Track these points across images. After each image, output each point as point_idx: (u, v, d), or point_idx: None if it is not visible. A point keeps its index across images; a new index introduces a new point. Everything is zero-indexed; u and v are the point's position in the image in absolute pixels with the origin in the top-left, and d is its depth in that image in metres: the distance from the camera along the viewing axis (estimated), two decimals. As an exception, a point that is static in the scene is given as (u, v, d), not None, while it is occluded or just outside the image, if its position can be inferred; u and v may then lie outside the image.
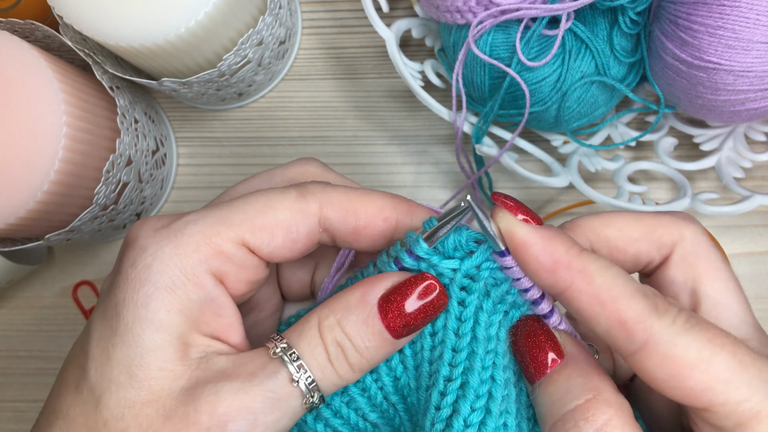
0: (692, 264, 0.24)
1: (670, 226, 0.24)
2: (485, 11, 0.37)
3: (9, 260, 0.45)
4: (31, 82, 0.37)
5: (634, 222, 0.25)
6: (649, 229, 0.24)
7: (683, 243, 0.24)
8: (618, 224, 0.25)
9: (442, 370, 0.24)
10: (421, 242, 0.23)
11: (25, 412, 0.50)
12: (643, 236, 0.24)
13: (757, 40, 0.34)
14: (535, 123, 0.42)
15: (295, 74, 0.50)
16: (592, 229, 0.25)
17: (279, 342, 0.23)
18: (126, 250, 0.23)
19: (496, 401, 0.23)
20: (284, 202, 0.24)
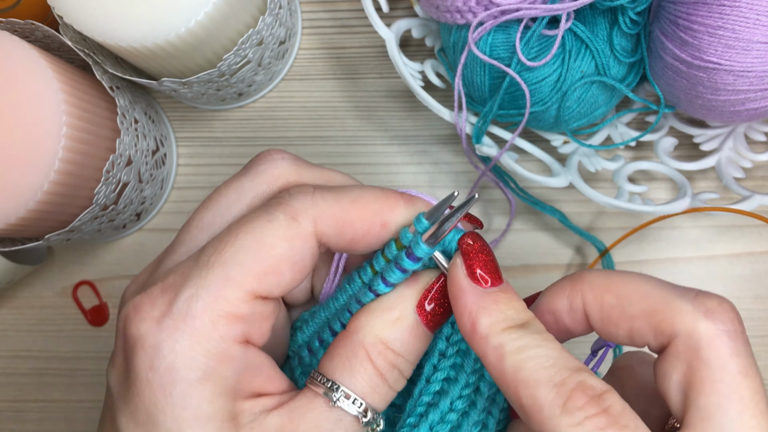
0: (690, 365, 0.20)
1: (675, 315, 0.20)
2: (485, 11, 0.37)
3: (9, 260, 0.45)
4: (31, 82, 0.37)
5: (637, 296, 0.21)
6: (650, 310, 0.21)
7: (685, 338, 0.20)
8: (619, 292, 0.22)
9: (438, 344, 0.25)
10: (422, 245, 0.23)
11: (25, 412, 0.50)
12: (641, 316, 0.21)
13: (757, 40, 0.34)
14: (535, 123, 0.42)
15: (295, 74, 0.50)
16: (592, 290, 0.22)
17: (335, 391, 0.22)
18: (135, 351, 0.21)
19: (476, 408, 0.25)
20: (277, 233, 0.22)
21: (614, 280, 0.22)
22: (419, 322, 0.23)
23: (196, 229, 0.25)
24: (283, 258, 0.22)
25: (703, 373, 0.20)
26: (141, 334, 0.21)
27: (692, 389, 0.20)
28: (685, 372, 0.20)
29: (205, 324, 0.21)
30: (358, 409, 0.22)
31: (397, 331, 0.23)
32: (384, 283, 0.23)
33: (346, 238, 0.23)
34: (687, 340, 0.20)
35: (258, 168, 0.25)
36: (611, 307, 0.22)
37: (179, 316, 0.21)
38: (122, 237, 0.50)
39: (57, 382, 0.50)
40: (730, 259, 0.47)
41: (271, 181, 0.25)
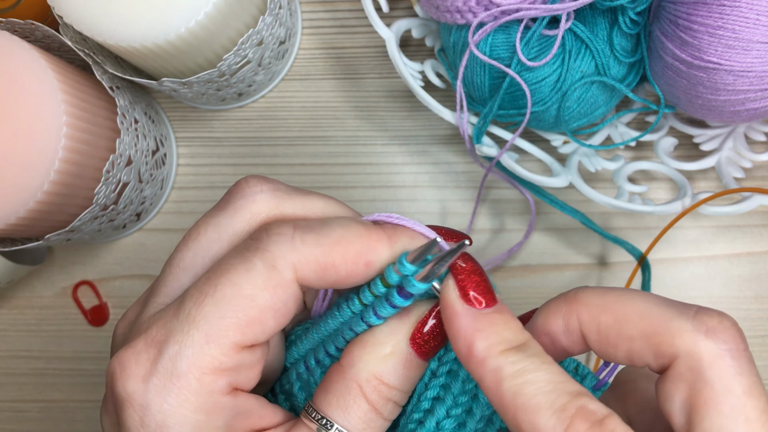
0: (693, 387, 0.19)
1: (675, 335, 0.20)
2: (485, 11, 0.37)
3: (9, 260, 0.45)
4: (31, 82, 0.37)
5: (636, 316, 0.21)
6: (650, 331, 0.20)
7: (687, 359, 0.20)
8: (617, 312, 0.21)
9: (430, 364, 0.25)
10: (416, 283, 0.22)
11: (25, 412, 0.50)
12: (640, 336, 0.20)
13: (757, 40, 0.34)
14: (535, 123, 0.42)
15: (295, 74, 0.50)
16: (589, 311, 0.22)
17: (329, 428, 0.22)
18: (124, 409, 0.21)
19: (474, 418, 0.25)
20: (256, 282, 0.21)
21: (610, 300, 0.21)
22: (413, 354, 0.23)
23: (177, 269, 0.24)
24: (265, 307, 0.21)
25: (706, 394, 0.19)
26: (128, 393, 0.21)
27: (696, 411, 0.19)
28: (688, 393, 0.20)
29: (191, 381, 0.21)
30: None
31: (391, 365, 0.23)
32: (376, 316, 0.23)
33: (330, 280, 0.22)
34: (688, 361, 0.20)
35: (235, 204, 0.24)
36: (608, 328, 0.21)
37: (165, 374, 0.21)
38: (122, 237, 0.50)
39: (57, 382, 0.50)
40: (730, 259, 0.47)
41: (249, 218, 0.24)
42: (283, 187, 0.25)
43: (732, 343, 0.20)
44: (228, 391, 0.21)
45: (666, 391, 0.20)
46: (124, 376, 0.21)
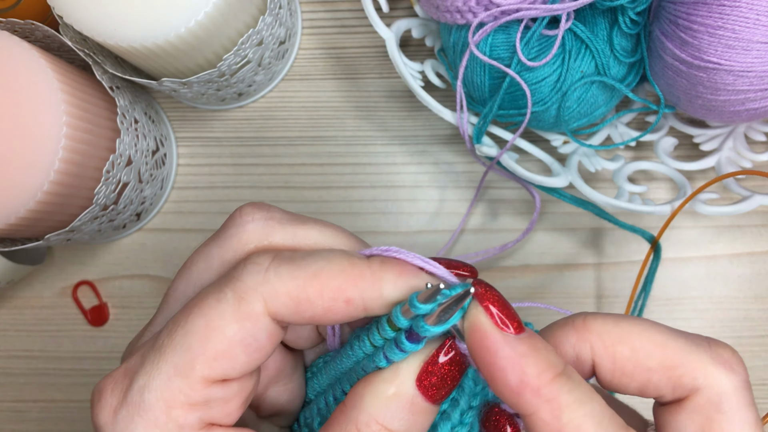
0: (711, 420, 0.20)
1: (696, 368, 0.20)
2: (485, 11, 0.37)
3: (9, 260, 0.45)
4: (31, 82, 0.37)
5: (654, 347, 0.21)
6: (670, 363, 0.20)
7: (707, 392, 0.20)
8: (635, 343, 0.21)
9: None
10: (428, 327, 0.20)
11: (25, 412, 0.50)
12: (660, 368, 0.20)
13: (757, 40, 0.34)
14: (535, 123, 0.42)
15: (295, 74, 0.50)
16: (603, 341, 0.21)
17: None
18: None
19: None
20: (225, 314, 0.20)
21: (626, 330, 0.21)
22: (420, 397, 0.21)
23: (172, 299, 0.24)
24: (234, 340, 0.20)
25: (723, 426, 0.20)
26: (101, 424, 0.21)
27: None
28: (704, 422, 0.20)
29: (158, 415, 0.20)
30: None
31: (394, 409, 0.21)
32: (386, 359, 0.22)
33: (306, 316, 0.21)
34: (709, 394, 0.20)
35: (226, 233, 0.23)
36: (626, 360, 0.21)
37: (133, 406, 0.20)
38: (122, 237, 0.50)
39: (57, 382, 0.50)
40: (730, 259, 0.47)
41: (238, 247, 0.23)
42: (278, 215, 0.24)
43: (744, 374, 0.20)
44: (200, 426, 0.21)
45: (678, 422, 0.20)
46: (99, 406, 0.21)
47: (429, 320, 0.20)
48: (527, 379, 0.19)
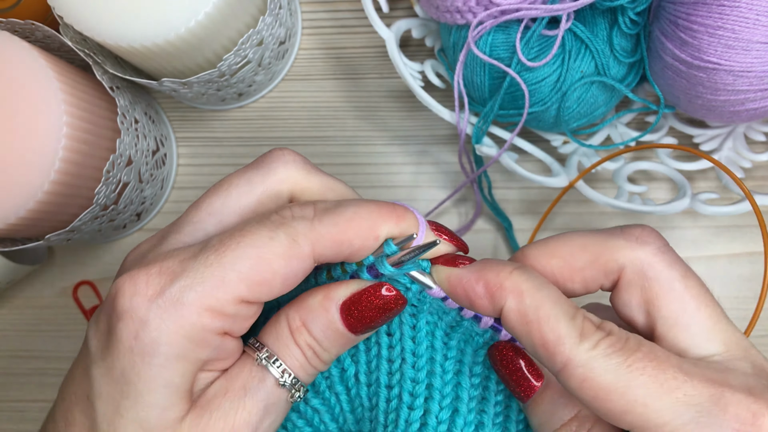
0: (642, 287, 0.23)
1: (614, 251, 0.24)
2: (485, 11, 0.37)
3: (9, 260, 0.45)
4: (31, 83, 0.37)
5: (578, 249, 0.24)
6: (593, 257, 0.24)
7: (630, 267, 0.23)
8: (562, 253, 0.25)
9: (407, 373, 0.27)
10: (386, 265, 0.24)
11: (25, 412, 0.50)
12: (588, 264, 0.24)
13: (757, 40, 0.34)
14: (535, 123, 0.42)
15: (295, 74, 0.50)
16: (538, 261, 0.25)
17: (261, 351, 0.25)
18: (121, 318, 0.23)
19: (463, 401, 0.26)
20: (277, 250, 0.23)
21: (553, 245, 0.25)
22: (338, 318, 0.25)
23: (204, 213, 0.26)
24: (278, 273, 0.23)
25: (655, 289, 0.23)
26: (131, 307, 0.23)
27: (652, 305, 0.23)
28: (641, 294, 0.23)
29: (192, 313, 0.23)
30: (278, 369, 0.25)
31: (316, 317, 0.25)
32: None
33: (343, 254, 0.24)
34: (632, 268, 0.23)
35: (270, 165, 0.26)
36: (561, 268, 0.24)
37: (170, 300, 0.23)
38: (122, 237, 0.50)
39: (57, 381, 0.50)
40: (730, 259, 0.47)
41: (281, 180, 0.26)
42: (310, 163, 0.27)
43: (658, 242, 0.24)
44: (219, 332, 0.23)
45: (622, 300, 0.24)
46: (131, 292, 0.23)
47: (390, 260, 0.24)
48: (489, 280, 0.23)
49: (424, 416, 0.26)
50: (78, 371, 0.25)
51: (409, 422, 0.26)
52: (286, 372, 0.25)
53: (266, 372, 0.25)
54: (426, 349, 0.27)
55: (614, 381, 0.21)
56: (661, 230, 0.47)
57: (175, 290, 0.23)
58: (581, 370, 0.21)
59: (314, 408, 0.29)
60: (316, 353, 0.25)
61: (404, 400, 0.27)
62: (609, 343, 0.21)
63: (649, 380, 0.20)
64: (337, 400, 0.29)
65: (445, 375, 0.27)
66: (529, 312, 0.22)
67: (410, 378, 0.27)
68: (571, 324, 0.22)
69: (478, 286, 0.23)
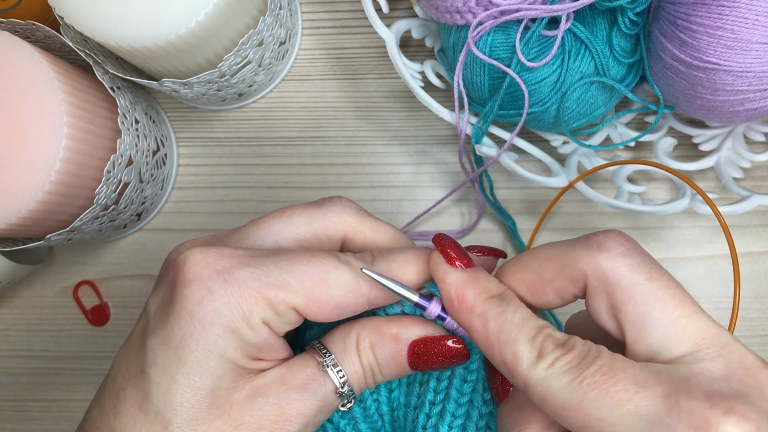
0: (607, 293, 0.23)
1: (575, 260, 0.24)
2: (485, 12, 0.37)
3: (10, 260, 0.45)
4: (32, 83, 0.37)
5: (545, 262, 0.25)
6: (559, 267, 0.24)
7: (592, 275, 0.24)
8: (533, 266, 0.25)
9: (428, 396, 0.29)
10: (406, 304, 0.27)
11: (26, 412, 0.51)
12: (555, 275, 0.25)
13: (757, 40, 0.34)
14: (535, 123, 0.42)
15: (295, 75, 0.50)
16: (513, 276, 0.26)
17: (327, 357, 0.27)
18: (189, 284, 0.24)
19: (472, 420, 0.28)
20: (340, 280, 0.25)
21: (524, 259, 0.26)
22: (404, 353, 0.27)
23: (263, 231, 0.28)
24: (333, 300, 0.25)
25: (618, 294, 0.23)
26: (201, 275, 0.24)
27: (618, 311, 0.23)
28: (607, 301, 0.23)
29: (251, 297, 0.24)
30: (340, 379, 0.26)
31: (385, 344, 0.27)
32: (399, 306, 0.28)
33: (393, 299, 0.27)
34: (594, 275, 0.23)
35: (330, 207, 0.29)
36: (533, 281, 0.25)
37: (236, 279, 0.24)
38: (123, 237, 0.50)
39: (58, 381, 0.50)
40: (729, 259, 0.47)
41: (338, 221, 0.29)
42: (364, 210, 0.30)
43: (620, 246, 0.23)
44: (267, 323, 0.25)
45: (593, 308, 0.24)
46: (204, 263, 0.25)
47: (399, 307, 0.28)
48: (465, 299, 0.24)
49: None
50: (132, 348, 0.26)
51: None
52: (347, 383, 0.26)
53: (327, 377, 0.26)
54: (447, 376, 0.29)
55: (568, 398, 0.21)
56: (661, 230, 0.47)
57: (243, 273, 0.24)
58: (539, 389, 0.22)
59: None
60: (374, 374, 0.27)
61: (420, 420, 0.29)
62: (565, 361, 0.22)
63: (600, 394, 0.20)
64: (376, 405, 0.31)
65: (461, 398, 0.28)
66: (491, 335, 0.23)
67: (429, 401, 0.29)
68: (530, 345, 0.22)
69: (455, 298, 0.25)
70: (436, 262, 0.26)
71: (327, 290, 0.25)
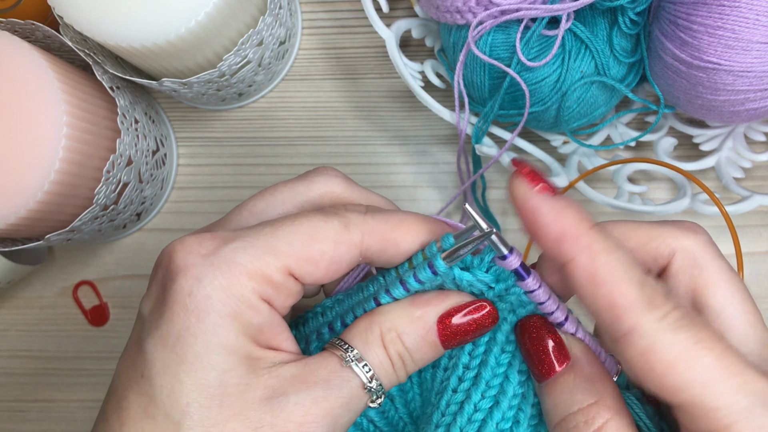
0: (691, 275, 0.24)
1: (667, 237, 0.24)
2: (485, 11, 0.37)
3: (9, 260, 0.45)
4: (31, 83, 0.37)
5: (630, 232, 0.25)
6: (646, 240, 0.24)
7: (682, 254, 0.24)
8: (615, 233, 0.25)
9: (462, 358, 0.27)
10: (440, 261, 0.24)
11: (25, 412, 0.50)
12: (639, 246, 0.24)
13: (757, 40, 0.34)
14: (535, 123, 0.42)
15: (295, 74, 0.50)
16: None
17: (350, 351, 0.25)
18: (175, 278, 0.23)
19: (506, 395, 0.26)
20: (329, 233, 0.24)
21: (607, 226, 0.25)
22: (435, 331, 0.25)
23: (247, 212, 0.27)
24: (326, 255, 0.24)
25: (705, 277, 0.23)
26: (186, 265, 0.23)
27: (700, 294, 0.23)
28: (689, 282, 0.24)
29: (243, 273, 0.23)
30: (367, 374, 0.24)
31: (412, 329, 0.25)
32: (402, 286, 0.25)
33: (387, 254, 0.25)
34: (684, 254, 0.24)
35: (314, 178, 0.28)
36: None
37: (222, 259, 0.23)
38: (122, 237, 0.50)
39: (57, 382, 0.50)
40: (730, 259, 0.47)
41: (323, 191, 0.27)
42: (350, 179, 0.29)
43: (706, 235, 0.25)
44: (266, 298, 0.24)
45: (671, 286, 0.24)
46: (185, 252, 0.24)
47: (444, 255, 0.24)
48: (567, 228, 0.22)
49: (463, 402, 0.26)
50: (129, 355, 0.24)
51: (449, 404, 0.27)
52: (375, 378, 0.25)
53: (351, 373, 0.24)
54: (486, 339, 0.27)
55: (680, 356, 0.20)
56: (661, 230, 0.47)
57: (228, 251, 0.23)
58: (645, 340, 0.20)
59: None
60: (404, 363, 0.25)
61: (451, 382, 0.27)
62: (679, 316, 0.21)
63: (714, 361, 0.20)
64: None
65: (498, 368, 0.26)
66: (601, 272, 0.21)
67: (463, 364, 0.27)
68: (642, 291, 0.21)
69: (554, 226, 0.22)
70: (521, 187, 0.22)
71: (318, 245, 0.24)
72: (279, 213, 0.27)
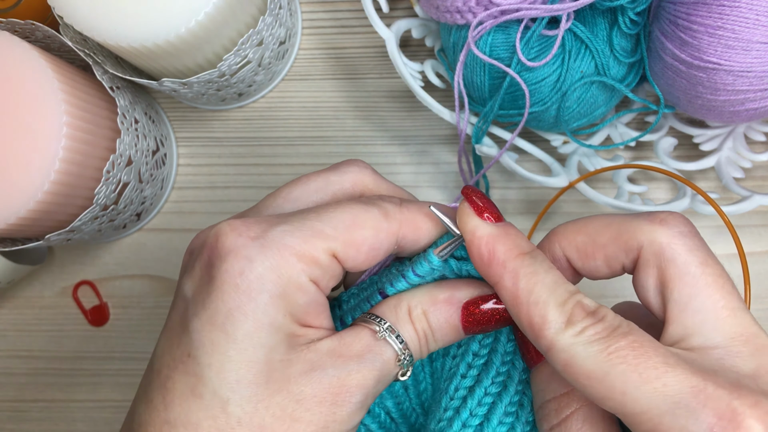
0: (658, 267, 0.23)
1: (636, 230, 0.24)
2: (485, 11, 0.37)
3: (9, 260, 0.45)
4: (31, 83, 0.37)
5: (603, 227, 0.25)
6: (616, 234, 0.24)
7: (649, 246, 0.24)
8: (588, 230, 0.25)
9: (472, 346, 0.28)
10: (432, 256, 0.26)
11: (25, 412, 0.50)
12: (610, 241, 0.24)
13: (757, 40, 0.34)
14: (535, 123, 0.42)
15: (295, 74, 0.50)
16: (566, 237, 0.26)
17: (383, 324, 0.26)
18: (225, 258, 0.24)
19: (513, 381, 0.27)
20: (370, 221, 0.25)
21: (580, 223, 0.26)
22: (458, 316, 0.26)
23: (282, 199, 0.28)
24: (367, 241, 0.25)
25: (671, 271, 0.23)
26: (236, 246, 0.24)
27: (666, 288, 0.23)
28: (657, 275, 0.23)
29: (291, 254, 0.24)
30: (399, 344, 0.25)
31: (438, 309, 0.26)
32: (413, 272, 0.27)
33: (420, 244, 0.26)
34: (651, 247, 0.23)
35: (346, 169, 0.29)
36: (585, 244, 0.25)
37: (271, 241, 0.24)
38: (122, 237, 0.50)
39: (57, 382, 0.50)
40: (729, 259, 0.47)
41: (355, 182, 0.28)
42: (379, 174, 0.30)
43: (682, 227, 0.24)
44: (312, 279, 0.24)
45: (641, 281, 0.24)
46: (234, 234, 0.24)
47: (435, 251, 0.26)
48: (496, 254, 0.24)
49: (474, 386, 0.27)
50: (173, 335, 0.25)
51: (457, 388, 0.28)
52: (407, 349, 0.26)
53: (386, 345, 0.25)
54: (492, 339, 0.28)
55: (594, 368, 0.21)
56: (661, 230, 0.47)
57: (277, 233, 0.24)
58: (564, 355, 0.21)
59: None
60: (428, 342, 0.26)
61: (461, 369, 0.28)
62: (594, 330, 0.21)
63: (627, 369, 0.20)
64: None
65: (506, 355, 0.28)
66: (521, 294, 0.23)
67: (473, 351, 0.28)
68: (559, 310, 0.22)
69: (486, 250, 0.24)
70: (465, 213, 0.25)
71: (360, 231, 0.25)
72: (313, 201, 0.28)
